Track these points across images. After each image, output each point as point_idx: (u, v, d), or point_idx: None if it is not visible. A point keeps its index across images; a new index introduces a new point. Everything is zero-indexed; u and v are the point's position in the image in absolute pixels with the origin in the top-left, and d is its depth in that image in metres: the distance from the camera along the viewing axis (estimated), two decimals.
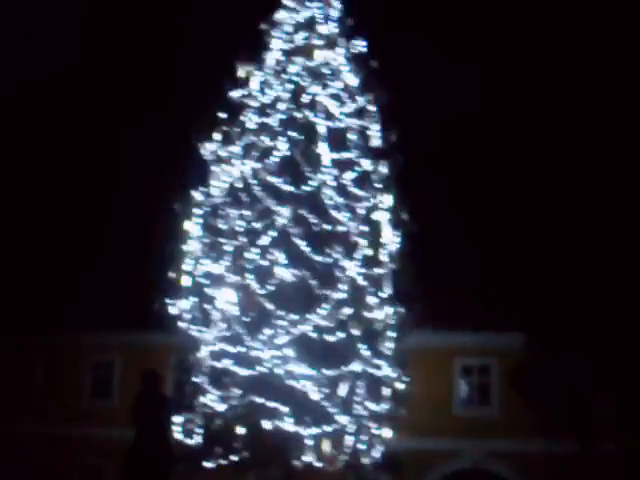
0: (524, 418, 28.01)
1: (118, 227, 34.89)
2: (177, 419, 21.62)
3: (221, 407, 22.14)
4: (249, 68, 24.60)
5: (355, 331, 22.61)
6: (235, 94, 24.49)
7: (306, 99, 23.88)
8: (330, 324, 22.25)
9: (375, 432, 23.00)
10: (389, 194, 24.15)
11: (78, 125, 39.03)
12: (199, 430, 22.31)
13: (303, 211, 22.74)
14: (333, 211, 23.00)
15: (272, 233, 22.53)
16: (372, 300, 23.22)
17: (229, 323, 22.26)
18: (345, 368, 22.21)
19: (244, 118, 24.36)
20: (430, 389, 30.05)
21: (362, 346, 22.66)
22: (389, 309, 23.51)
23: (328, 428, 21.88)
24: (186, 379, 22.78)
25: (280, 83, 24.25)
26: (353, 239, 22.84)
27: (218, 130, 24.17)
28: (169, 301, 22.85)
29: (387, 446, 23.30)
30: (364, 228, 23.14)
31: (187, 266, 23.15)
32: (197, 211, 23.55)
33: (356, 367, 22.43)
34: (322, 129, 23.57)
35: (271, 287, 22.21)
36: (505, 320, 29.71)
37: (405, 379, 23.86)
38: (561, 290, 28.14)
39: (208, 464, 22.38)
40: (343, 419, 22.05)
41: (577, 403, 27.64)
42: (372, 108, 24.82)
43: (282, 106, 23.88)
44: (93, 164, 37.40)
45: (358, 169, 24.02)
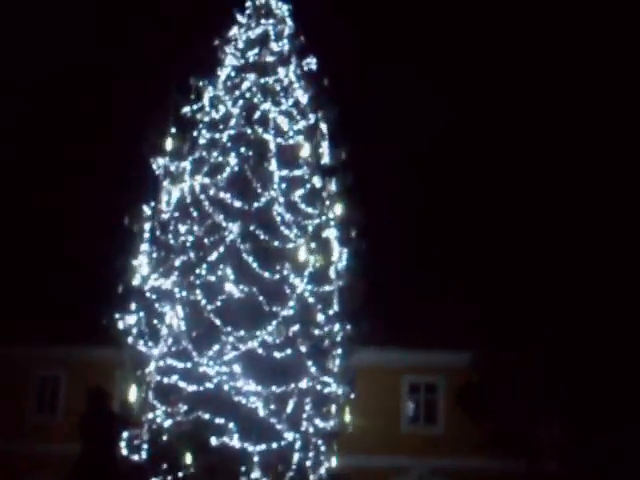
0: (469, 436, 28.21)
1: (67, 241, 34.69)
2: (123, 435, 21.50)
3: (168, 423, 22.01)
4: (201, 83, 24.62)
5: (303, 348, 22.60)
6: (187, 109, 24.48)
7: (257, 115, 23.91)
8: (278, 341, 22.24)
9: (322, 449, 22.99)
10: (338, 211, 24.23)
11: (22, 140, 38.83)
12: (145, 446, 22.16)
13: (253, 227, 22.74)
14: (283, 227, 23.02)
15: (221, 249, 22.48)
16: (320, 317, 23.25)
17: (177, 338, 22.15)
18: (293, 385, 22.20)
19: (195, 133, 24.35)
20: (377, 406, 30.23)
21: (310, 363, 22.65)
22: (337, 326, 23.56)
23: (275, 444, 21.84)
24: (132, 395, 22.61)
25: (232, 99, 24.29)
26: (302, 256, 22.86)
27: (168, 145, 24.11)
28: (117, 316, 22.70)
29: (334, 463, 23.29)
30: (313, 245, 23.18)
31: (136, 281, 23.04)
32: (146, 226, 23.46)
33: (303, 384, 22.42)
34: (272, 145, 23.60)
35: (219, 303, 22.15)
36: (452, 338, 29.94)
37: (352, 396, 23.90)
38: (506, 307, 28.38)
39: None
40: (290, 436, 22.03)
41: (522, 422, 27.85)
42: (322, 125, 24.92)
43: (233, 122, 23.89)
44: (46, 177, 37.18)
45: (308, 186, 24.10)
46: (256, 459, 21.62)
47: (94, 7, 40.57)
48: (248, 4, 25.72)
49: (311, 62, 25.44)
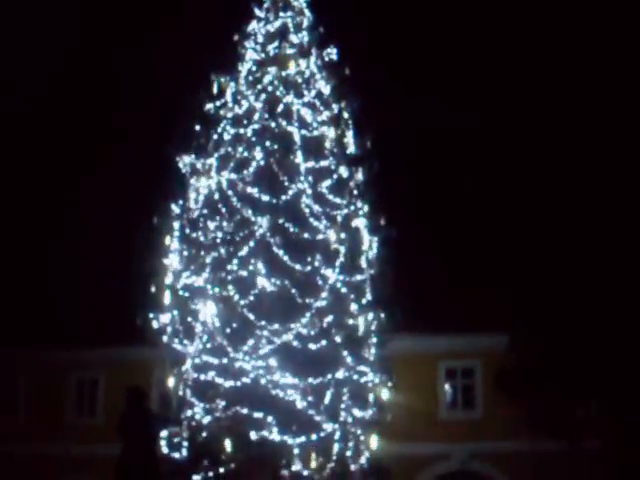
0: (509, 419, 28.11)
1: (99, 243, 34.82)
2: (163, 434, 21.60)
3: (206, 419, 22.09)
4: (223, 80, 24.65)
5: (338, 338, 22.61)
6: (210, 106, 24.52)
7: (280, 108, 23.90)
8: (312, 332, 22.26)
9: (361, 438, 23.00)
10: (366, 200, 24.21)
11: (52, 139, 38.95)
12: (185, 444, 22.25)
13: (282, 220, 22.75)
14: (312, 219, 23.02)
15: (251, 243, 22.51)
16: (353, 307, 23.25)
17: (211, 335, 22.21)
18: (329, 375, 22.21)
19: (219, 130, 24.38)
20: (415, 393, 30.12)
21: (345, 353, 22.65)
22: (371, 315, 23.54)
23: (314, 436, 21.87)
24: (170, 393, 22.70)
25: (254, 93, 24.29)
26: (332, 246, 22.85)
27: (194, 142, 24.18)
28: (151, 315, 22.80)
29: (374, 452, 23.29)
30: (343, 235, 23.16)
31: (168, 280, 23.12)
32: (176, 224, 23.54)
33: (340, 374, 22.43)
34: (297, 138, 23.59)
35: (252, 297, 22.19)
36: (488, 322, 29.84)
37: (389, 384, 23.89)
38: (544, 290, 28.26)
39: (196, 477, 22.33)
40: (329, 426, 22.05)
41: (561, 402, 27.75)
42: (346, 115, 24.90)
43: (257, 116, 23.90)
44: (71, 179, 37.32)
45: (335, 176, 24.08)
46: (296, 451, 21.67)
47: (116, 4, 40.64)
48: None
49: (332, 52, 25.40)
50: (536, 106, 32.38)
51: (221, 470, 22.01)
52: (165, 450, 21.81)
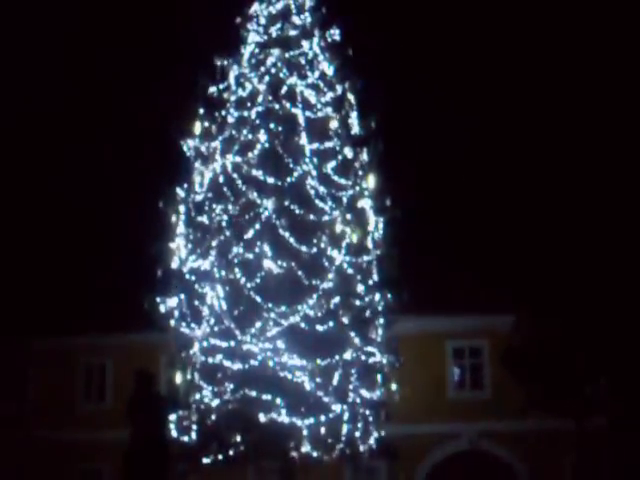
0: (516, 398, 28.09)
1: (104, 228, 34.83)
2: (172, 417, 21.63)
3: (215, 403, 22.14)
4: (226, 62, 24.58)
5: (345, 319, 22.62)
6: (213, 89, 24.46)
7: (284, 90, 23.84)
8: (320, 314, 22.26)
9: (370, 419, 23.03)
10: (371, 181, 24.17)
11: (57, 124, 38.94)
12: (194, 427, 22.31)
13: (287, 202, 22.72)
14: (317, 201, 23.00)
15: (257, 226, 22.50)
16: (360, 288, 23.25)
17: (219, 318, 22.23)
18: (337, 357, 22.23)
19: (223, 112, 24.34)
20: (423, 373, 30.19)
21: (353, 334, 22.67)
22: (377, 296, 23.54)
23: (323, 417, 21.90)
24: (178, 377, 22.74)
25: (257, 76, 24.23)
26: (338, 228, 22.83)
27: (198, 126, 24.14)
28: (158, 300, 22.83)
29: (382, 433, 23.34)
30: (349, 216, 23.14)
31: (174, 264, 23.13)
32: (181, 208, 23.52)
33: (348, 355, 22.45)
34: (302, 119, 23.54)
35: (259, 280, 22.19)
36: (495, 302, 29.82)
37: (397, 365, 23.91)
38: (549, 269, 28.21)
39: (205, 460, 22.40)
40: (338, 407, 22.08)
41: (569, 380, 27.73)
42: (350, 96, 24.83)
43: (260, 99, 23.84)
44: (78, 165, 37.30)
45: (339, 157, 24.04)
46: (305, 433, 21.71)
47: None
48: None
49: (334, 33, 25.31)
50: (543, 87, 32.32)
51: (230, 453, 22.08)
52: (174, 433, 21.87)
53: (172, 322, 22.88)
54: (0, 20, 36.71)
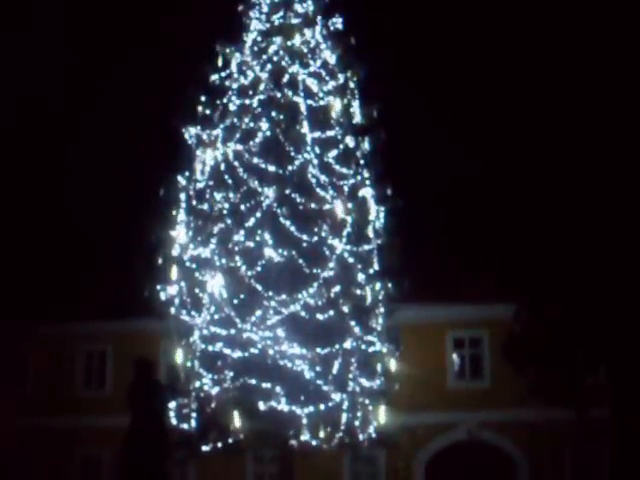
0: (516, 388, 28.10)
1: (104, 216, 34.84)
2: (171, 404, 21.65)
3: (215, 390, 22.12)
4: (228, 50, 24.52)
5: (345, 308, 22.60)
6: (215, 77, 24.41)
7: (286, 79, 23.78)
8: (320, 302, 22.24)
9: (369, 408, 23.03)
10: (373, 170, 24.14)
11: (58, 111, 38.93)
12: (194, 414, 22.31)
13: (288, 191, 22.68)
14: (318, 189, 22.96)
15: (258, 214, 22.47)
16: (361, 277, 23.23)
17: (219, 306, 22.22)
18: (337, 345, 22.22)
19: (225, 100, 24.29)
20: (423, 363, 30.20)
21: (353, 323, 22.66)
22: (378, 285, 23.52)
23: (323, 406, 21.89)
24: (178, 364, 22.73)
25: (260, 64, 24.17)
26: (339, 216, 22.80)
27: (199, 113, 24.10)
28: (158, 287, 22.80)
29: (382, 422, 23.33)
30: (350, 205, 23.11)
31: (175, 251, 23.11)
32: (182, 196, 23.50)
33: (348, 344, 22.44)
34: (303, 108, 23.49)
35: (259, 268, 22.17)
36: (495, 291, 29.81)
37: (397, 354, 23.91)
38: (550, 259, 28.18)
39: (205, 448, 22.41)
40: (337, 396, 22.07)
41: (569, 371, 27.73)
42: (352, 84, 24.78)
43: (262, 87, 23.79)
44: (77, 153, 37.31)
45: (341, 146, 23.99)
46: (304, 422, 21.71)
47: None
48: None
49: (337, 21, 25.25)
50: (546, 79, 32.22)
51: (229, 441, 22.09)
52: (174, 421, 21.88)
53: (172, 310, 22.85)
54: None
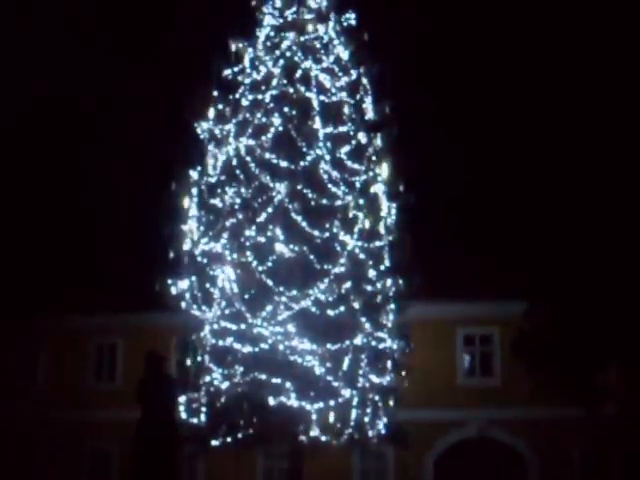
0: (526, 386, 28.08)
1: (116, 209, 34.88)
2: (181, 399, 21.67)
3: (225, 385, 22.14)
4: (241, 45, 24.52)
5: (356, 304, 22.58)
6: (228, 72, 24.41)
7: (299, 74, 23.77)
8: (331, 298, 22.24)
9: (379, 404, 23.03)
10: (385, 166, 24.11)
11: (72, 106, 38.91)
12: (204, 409, 22.34)
13: (300, 186, 22.67)
14: (330, 185, 22.95)
15: (270, 209, 22.47)
16: (372, 273, 23.21)
17: (230, 301, 22.23)
18: (347, 342, 22.22)
19: (237, 95, 24.29)
20: (433, 360, 30.22)
21: (363, 319, 22.65)
22: (389, 281, 23.51)
23: (332, 402, 21.90)
24: (189, 359, 22.77)
25: (272, 59, 24.16)
26: (351, 212, 22.79)
27: (212, 108, 24.11)
28: (170, 281, 22.83)
29: (391, 418, 23.34)
30: (361, 201, 23.09)
31: (186, 246, 23.13)
32: (194, 190, 23.51)
33: (358, 340, 22.43)
34: (316, 104, 23.48)
35: (270, 263, 22.17)
36: (506, 289, 29.78)
37: (407, 351, 23.90)
38: (561, 257, 28.14)
39: (214, 442, 22.44)
40: (347, 392, 22.08)
41: (580, 369, 27.70)
42: (365, 81, 24.76)
43: (275, 82, 23.78)
44: (90, 147, 37.32)
45: (353, 142, 23.97)
46: (314, 417, 21.72)
47: None
48: None
49: (350, 17, 25.22)
50: (557, 73, 32.23)
51: (239, 436, 22.11)
52: (184, 415, 21.91)
53: (183, 304, 22.88)
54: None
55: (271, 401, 21.64)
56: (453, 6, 39.21)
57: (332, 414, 21.90)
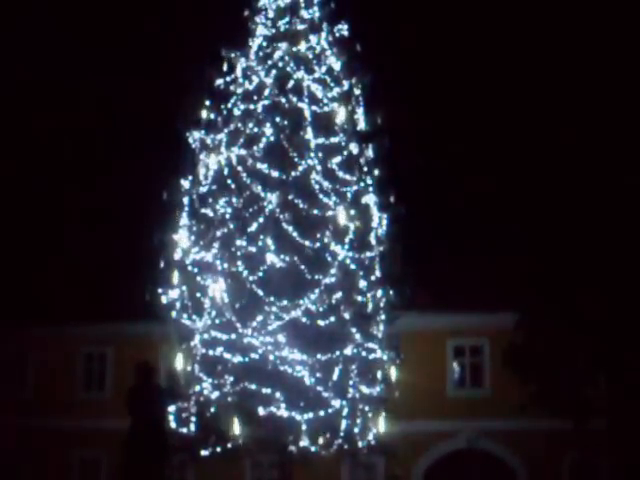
0: (516, 397, 28.09)
1: (106, 218, 34.85)
2: (171, 408, 21.63)
3: (214, 395, 22.11)
4: (233, 55, 24.55)
5: (346, 315, 22.58)
6: (220, 81, 24.44)
7: (291, 84, 23.80)
8: (321, 309, 22.24)
9: (369, 415, 23.01)
10: (376, 177, 24.15)
11: (62, 113, 38.95)
12: (193, 419, 22.30)
13: (291, 196, 22.69)
14: (321, 195, 22.96)
15: (261, 219, 22.48)
16: (362, 283, 23.22)
17: (220, 311, 22.21)
18: (338, 352, 22.21)
19: (229, 105, 24.31)
20: (423, 370, 30.19)
21: (354, 330, 22.65)
22: (380, 292, 23.52)
23: (322, 412, 21.88)
24: (178, 368, 22.73)
25: (265, 69, 24.19)
26: (342, 223, 22.80)
27: (203, 118, 24.12)
28: (160, 291, 22.80)
29: (381, 429, 23.32)
30: (352, 212, 23.11)
31: (177, 255, 23.11)
32: (185, 200, 23.50)
33: (348, 351, 22.43)
34: (308, 114, 23.51)
35: (261, 273, 22.17)
36: (497, 300, 29.81)
37: (397, 362, 23.90)
38: (551, 268, 28.19)
39: (204, 452, 22.39)
40: (337, 403, 22.06)
41: (569, 380, 27.73)
42: (357, 91, 24.80)
43: (267, 92, 23.82)
44: (80, 154, 37.31)
45: (345, 153, 24.00)
46: (304, 427, 21.69)
47: None
48: None
49: (343, 28, 25.27)
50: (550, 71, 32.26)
51: (228, 445, 22.07)
52: (173, 425, 21.87)
53: (173, 313, 22.85)
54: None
55: (261, 411, 21.61)
56: (446, 17, 39.35)
57: (322, 424, 21.88)
